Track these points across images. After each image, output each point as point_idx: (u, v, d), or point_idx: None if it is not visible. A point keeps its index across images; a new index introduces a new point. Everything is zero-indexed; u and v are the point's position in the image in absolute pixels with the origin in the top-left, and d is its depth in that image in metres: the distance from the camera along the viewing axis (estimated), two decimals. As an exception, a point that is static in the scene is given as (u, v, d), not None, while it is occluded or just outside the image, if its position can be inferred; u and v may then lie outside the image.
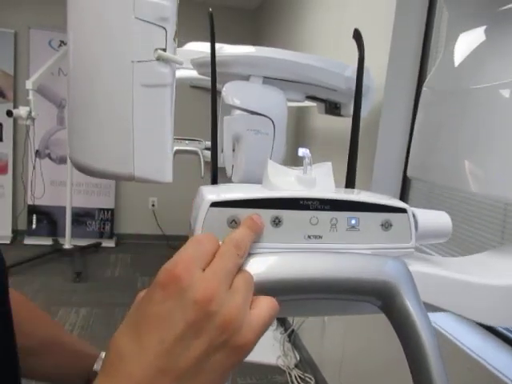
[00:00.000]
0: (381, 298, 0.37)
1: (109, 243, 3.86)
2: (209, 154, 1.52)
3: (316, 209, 0.38)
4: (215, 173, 0.45)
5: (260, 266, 0.35)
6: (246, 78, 0.92)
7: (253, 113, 0.85)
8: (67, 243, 3.44)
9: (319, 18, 2.28)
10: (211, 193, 0.38)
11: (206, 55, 0.89)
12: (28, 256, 3.20)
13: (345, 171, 0.49)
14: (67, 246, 3.44)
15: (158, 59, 0.36)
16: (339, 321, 1.84)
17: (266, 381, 2.06)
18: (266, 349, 2.25)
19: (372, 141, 1.56)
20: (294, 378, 2.08)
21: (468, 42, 0.54)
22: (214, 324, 0.29)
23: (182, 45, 1.59)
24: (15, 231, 3.78)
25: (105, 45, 0.35)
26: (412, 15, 1.49)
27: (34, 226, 3.73)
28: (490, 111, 0.51)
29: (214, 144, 0.46)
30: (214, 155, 0.45)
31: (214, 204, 0.36)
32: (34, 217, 3.73)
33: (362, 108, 0.49)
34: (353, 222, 0.39)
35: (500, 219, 1.15)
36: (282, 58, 0.92)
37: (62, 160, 3.72)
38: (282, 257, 0.36)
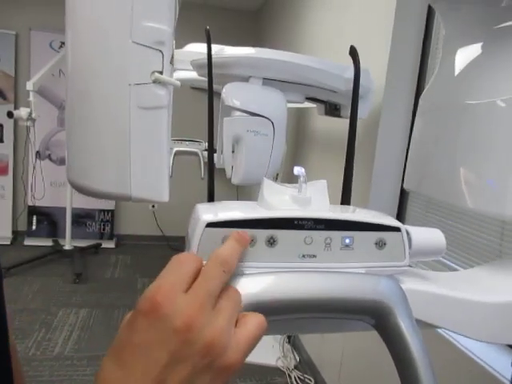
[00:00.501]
0: (374, 317, 0.38)
1: (109, 244, 3.87)
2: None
3: (310, 228, 0.38)
4: (212, 190, 0.45)
5: (255, 286, 0.35)
6: (246, 79, 0.92)
7: (252, 114, 0.85)
8: (67, 244, 3.45)
9: (320, 19, 2.28)
10: (207, 212, 0.38)
11: (205, 57, 0.89)
12: (28, 257, 3.21)
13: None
14: (67, 247, 3.44)
15: (155, 82, 0.36)
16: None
17: (266, 382, 2.07)
18: (266, 350, 2.25)
19: (372, 142, 1.57)
20: (293, 379, 2.09)
21: (464, 58, 0.54)
22: (196, 349, 0.30)
23: (181, 46, 1.59)
24: (15, 232, 3.79)
25: (102, 68, 0.36)
26: (412, 17, 1.49)
27: (34, 227, 3.74)
28: (486, 127, 0.51)
29: (211, 158, 0.46)
30: (211, 172, 0.46)
31: (210, 224, 0.37)
32: (34, 218, 3.74)
33: (362, 109, 0.50)
34: (347, 241, 0.39)
35: (499, 219, 1.15)
36: (281, 59, 0.92)
37: (63, 161, 3.72)
38: (276, 277, 0.37)
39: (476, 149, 0.52)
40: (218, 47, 0.96)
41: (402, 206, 1.61)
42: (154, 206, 4.08)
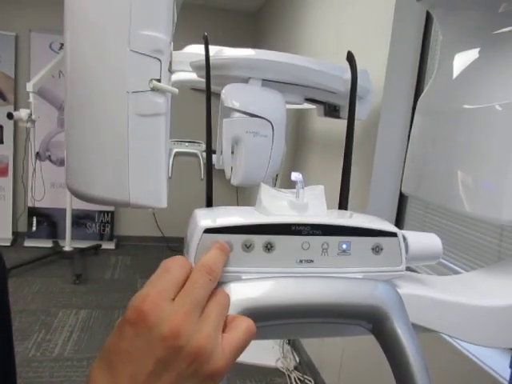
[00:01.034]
0: (371, 322, 0.38)
1: (109, 245, 3.87)
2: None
3: (308, 234, 0.39)
4: (210, 195, 0.45)
5: (253, 292, 0.36)
6: (246, 80, 0.92)
7: (252, 115, 0.85)
8: (67, 245, 3.45)
9: (319, 20, 2.28)
10: (205, 218, 0.38)
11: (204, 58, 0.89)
12: (28, 258, 3.21)
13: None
14: (67, 248, 3.45)
15: (153, 89, 0.37)
16: (338, 325, 1.84)
17: (266, 383, 2.07)
18: (266, 351, 2.25)
19: (371, 143, 1.57)
20: (293, 380, 2.09)
21: (461, 63, 0.55)
22: (183, 357, 0.30)
23: (181, 47, 1.60)
24: (15, 233, 3.79)
25: (101, 76, 0.36)
26: (411, 17, 1.50)
27: (34, 228, 3.73)
28: (483, 132, 0.51)
29: (209, 161, 0.46)
30: (210, 177, 0.46)
31: (208, 230, 0.37)
32: (34, 219, 3.74)
33: (361, 111, 0.50)
34: (344, 246, 0.39)
35: (496, 224, 1.16)
36: (281, 60, 0.92)
37: (63, 162, 3.72)
38: (273, 282, 0.37)
39: (473, 153, 0.52)
40: (217, 48, 0.96)
41: (402, 207, 1.61)
42: (153, 209, 4.07)
